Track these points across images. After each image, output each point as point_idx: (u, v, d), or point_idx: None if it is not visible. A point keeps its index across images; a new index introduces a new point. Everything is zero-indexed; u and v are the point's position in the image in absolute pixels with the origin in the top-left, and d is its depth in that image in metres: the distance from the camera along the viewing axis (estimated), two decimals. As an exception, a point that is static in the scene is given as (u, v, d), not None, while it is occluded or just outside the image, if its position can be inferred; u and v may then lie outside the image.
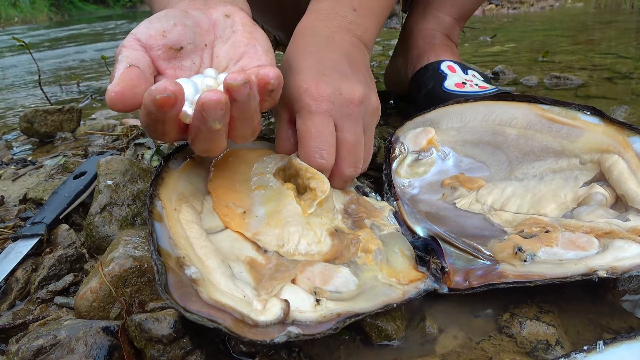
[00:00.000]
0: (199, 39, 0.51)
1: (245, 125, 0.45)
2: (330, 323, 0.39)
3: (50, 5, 13.91)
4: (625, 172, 0.50)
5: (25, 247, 0.59)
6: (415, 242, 0.53)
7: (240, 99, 0.41)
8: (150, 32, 0.48)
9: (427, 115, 0.69)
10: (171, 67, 0.49)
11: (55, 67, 2.74)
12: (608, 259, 0.43)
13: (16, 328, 0.48)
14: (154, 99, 0.38)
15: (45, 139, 1.17)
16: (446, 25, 0.94)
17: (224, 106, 0.40)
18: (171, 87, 0.38)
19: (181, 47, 0.49)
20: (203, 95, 0.39)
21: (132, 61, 0.44)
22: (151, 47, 0.48)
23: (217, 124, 0.41)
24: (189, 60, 0.50)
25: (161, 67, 0.49)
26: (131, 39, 0.47)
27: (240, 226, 0.49)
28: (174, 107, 0.40)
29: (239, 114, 0.43)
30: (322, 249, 0.48)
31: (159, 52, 0.48)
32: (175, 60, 0.49)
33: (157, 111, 0.40)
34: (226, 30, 0.53)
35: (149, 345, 0.38)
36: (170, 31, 0.49)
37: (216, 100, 0.39)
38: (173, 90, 0.38)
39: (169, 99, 0.39)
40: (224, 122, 0.42)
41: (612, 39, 1.95)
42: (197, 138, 0.44)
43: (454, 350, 0.41)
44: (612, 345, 0.36)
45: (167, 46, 0.48)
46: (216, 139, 0.44)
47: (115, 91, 0.41)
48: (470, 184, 0.62)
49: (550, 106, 0.59)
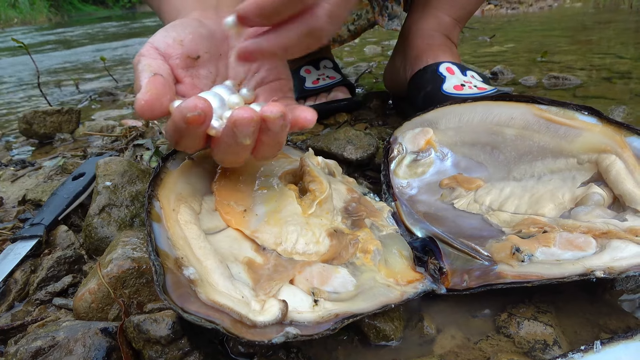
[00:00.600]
0: (214, 49, 0.52)
1: (272, 148, 0.46)
2: (328, 323, 0.39)
3: (49, 6, 13.91)
4: (622, 172, 0.51)
5: (24, 248, 0.59)
6: (414, 243, 0.53)
7: (274, 129, 0.42)
8: (168, 41, 0.48)
9: (426, 116, 0.69)
10: (189, 75, 0.50)
11: (54, 68, 2.74)
12: (605, 259, 0.43)
13: (15, 329, 0.48)
14: (184, 116, 0.39)
15: (44, 140, 1.17)
16: (446, 25, 0.94)
17: (256, 124, 0.41)
18: (201, 104, 0.39)
19: (198, 55, 0.50)
20: (235, 112, 0.40)
21: (154, 70, 0.45)
22: (170, 55, 0.48)
23: (247, 140, 0.42)
24: (205, 69, 0.51)
25: (180, 75, 0.49)
26: (149, 47, 0.47)
27: (239, 224, 0.49)
28: (203, 124, 0.40)
29: (269, 140, 0.44)
30: (320, 249, 0.48)
31: (177, 60, 0.48)
32: (192, 69, 0.50)
33: (187, 128, 0.40)
34: (239, 40, 0.52)
35: (147, 346, 0.39)
36: (187, 40, 0.49)
37: (249, 118, 0.40)
38: (203, 108, 0.39)
39: (199, 117, 0.39)
40: (253, 138, 0.43)
41: (611, 39, 1.95)
42: (223, 151, 0.45)
43: (452, 351, 0.41)
44: (610, 345, 0.36)
45: (185, 55, 0.49)
46: (242, 152, 0.45)
47: (145, 100, 0.41)
48: (468, 184, 0.62)
49: (549, 106, 0.59)
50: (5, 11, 11.63)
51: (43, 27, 9.02)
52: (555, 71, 1.33)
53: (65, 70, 2.63)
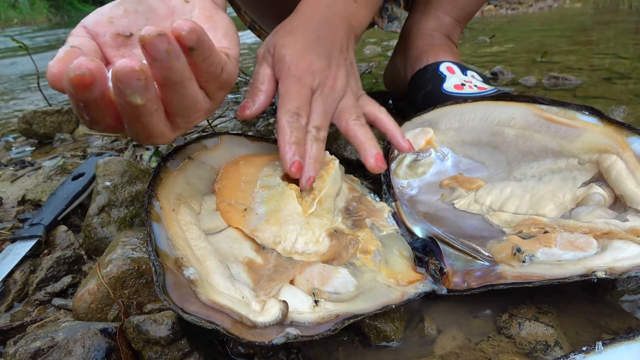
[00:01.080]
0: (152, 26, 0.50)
1: (177, 95, 0.39)
2: (328, 324, 0.39)
3: (49, 7, 13.91)
4: (623, 173, 0.50)
5: (24, 248, 0.59)
6: (414, 243, 0.53)
7: (159, 56, 0.35)
8: (97, 19, 0.47)
9: (426, 116, 0.69)
10: (119, 55, 0.47)
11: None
12: (607, 260, 0.43)
13: (14, 330, 0.48)
14: (69, 77, 0.34)
15: (44, 140, 1.17)
16: (446, 25, 0.94)
17: (141, 75, 0.34)
18: (88, 64, 0.34)
19: (130, 33, 0.48)
20: (117, 63, 0.34)
21: (75, 45, 0.42)
22: (97, 34, 0.46)
23: (138, 98, 0.35)
24: (139, 47, 0.49)
25: (109, 54, 0.47)
26: (79, 27, 0.46)
27: (239, 222, 0.49)
28: (92, 87, 0.34)
29: (162, 78, 0.37)
30: (319, 249, 0.48)
31: (106, 38, 0.46)
32: (124, 48, 0.47)
33: (75, 92, 0.35)
34: (184, 17, 0.51)
35: (147, 347, 0.38)
36: (119, 18, 0.47)
37: (130, 67, 0.34)
38: (90, 68, 0.33)
39: (84, 77, 0.34)
40: (147, 96, 0.36)
41: (611, 39, 1.95)
42: (125, 118, 0.38)
43: (452, 351, 0.41)
44: (611, 346, 0.35)
45: (115, 33, 0.47)
46: (145, 118, 0.38)
47: (55, 68, 0.39)
48: (469, 184, 0.62)
49: (549, 106, 0.59)
50: (5, 11, 11.63)
51: (42, 27, 9.02)
52: (555, 71, 1.33)
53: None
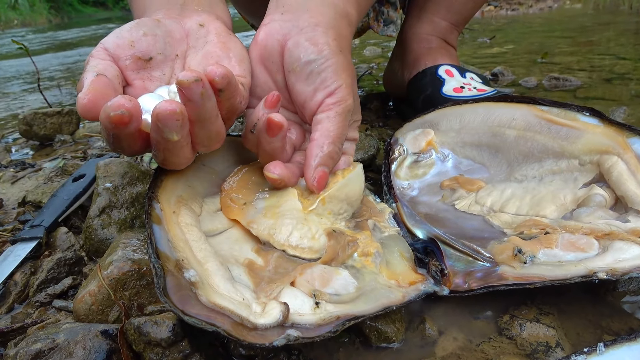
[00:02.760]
0: (169, 49, 0.51)
1: (205, 129, 0.43)
2: (329, 326, 0.39)
3: (49, 8, 13.92)
4: (624, 174, 0.50)
5: (24, 250, 0.59)
6: (415, 244, 0.53)
7: (194, 98, 0.39)
8: (119, 42, 0.48)
9: (427, 117, 0.69)
10: (139, 77, 0.49)
11: (55, 69, 2.74)
12: (608, 261, 0.43)
13: (14, 332, 0.48)
14: (108, 116, 0.37)
15: (44, 142, 1.17)
16: (442, 29, 0.94)
17: (180, 116, 0.38)
18: (126, 104, 0.37)
19: (150, 57, 0.49)
20: (158, 105, 0.38)
21: (99, 70, 0.44)
22: (119, 57, 0.47)
23: (175, 135, 0.39)
24: (159, 70, 0.50)
25: (130, 77, 0.48)
26: (99, 48, 0.47)
27: (237, 214, 0.50)
28: (129, 125, 0.38)
29: (195, 116, 0.41)
30: (313, 245, 0.48)
31: (127, 62, 0.48)
32: (144, 71, 0.49)
33: (113, 128, 0.38)
34: (199, 40, 0.52)
35: (147, 348, 0.38)
36: (139, 41, 0.48)
37: (171, 110, 0.38)
38: (128, 108, 0.37)
39: (123, 117, 0.37)
40: (182, 133, 0.40)
41: (611, 40, 1.95)
42: (158, 149, 0.43)
43: (454, 353, 0.41)
44: (613, 347, 0.35)
45: (136, 56, 0.48)
46: (176, 150, 0.42)
47: (87, 99, 0.40)
48: (469, 185, 0.62)
49: (550, 107, 0.59)
50: (5, 13, 11.64)
51: (42, 28, 9.03)
52: (556, 72, 1.33)
53: (66, 71, 2.63)
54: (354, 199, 0.55)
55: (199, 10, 0.54)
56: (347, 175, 0.54)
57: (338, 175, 0.54)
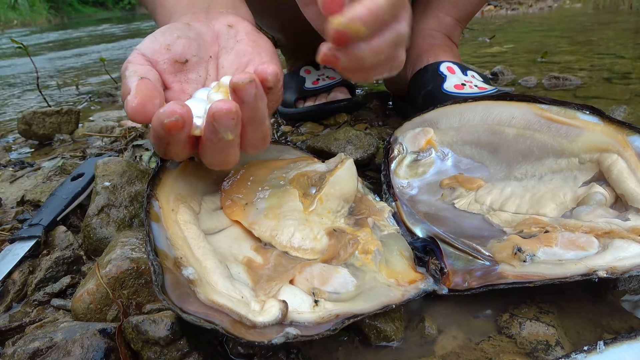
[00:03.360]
0: (203, 51, 0.51)
1: (256, 130, 0.44)
2: (328, 324, 0.38)
3: (49, 8, 13.92)
4: (624, 172, 0.50)
5: (23, 249, 0.59)
6: (415, 243, 0.53)
7: (248, 99, 0.40)
8: (155, 47, 0.48)
9: (426, 116, 0.69)
10: (177, 80, 0.49)
11: (54, 69, 2.74)
12: (608, 259, 0.43)
13: (12, 330, 0.47)
14: (162, 122, 0.38)
15: (43, 141, 1.17)
16: (446, 25, 0.94)
17: (235, 115, 0.39)
18: (179, 110, 0.38)
19: (186, 60, 0.49)
20: (213, 105, 0.39)
21: (142, 74, 0.44)
22: (157, 61, 0.48)
23: (229, 134, 0.40)
24: (194, 72, 0.50)
25: (168, 81, 0.48)
26: (136, 54, 0.47)
27: (239, 215, 0.50)
28: (182, 130, 0.39)
29: (248, 117, 0.42)
30: (316, 246, 0.48)
31: (165, 66, 0.48)
32: (181, 74, 0.49)
33: (166, 134, 0.39)
34: (230, 41, 0.53)
35: (146, 347, 0.38)
36: (174, 44, 0.49)
37: (227, 109, 0.39)
38: (181, 114, 0.38)
39: (178, 123, 0.38)
40: (235, 132, 0.41)
41: (611, 39, 1.95)
42: (209, 150, 0.43)
43: (453, 351, 0.41)
44: (613, 346, 0.35)
45: (173, 60, 0.48)
46: (228, 150, 0.43)
47: (136, 102, 0.41)
48: (469, 184, 0.61)
49: (549, 105, 0.59)
50: (5, 13, 11.65)
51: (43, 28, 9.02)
52: (556, 72, 1.33)
53: (65, 71, 2.63)
54: (350, 195, 0.55)
55: (224, 13, 0.55)
56: (335, 172, 0.54)
57: (327, 175, 0.54)
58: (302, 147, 0.68)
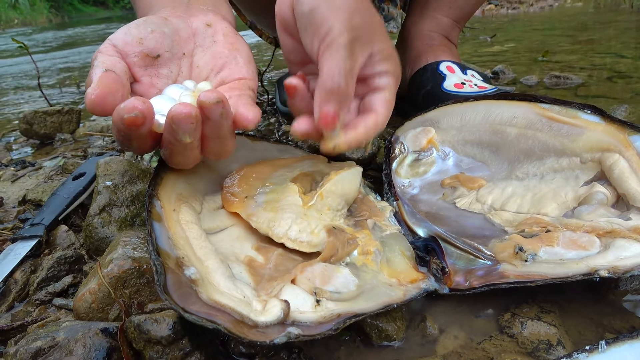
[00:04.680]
0: (177, 47, 0.51)
1: (218, 143, 0.44)
2: (330, 324, 0.38)
3: (49, 7, 13.93)
4: (626, 171, 0.50)
5: (24, 248, 0.59)
6: (416, 243, 0.53)
7: (213, 117, 0.40)
8: (127, 39, 0.47)
9: (427, 115, 0.69)
10: (147, 74, 0.49)
11: (55, 68, 2.74)
12: (609, 259, 0.43)
13: (14, 330, 0.47)
14: (122, 117, 0.38)
15: (44, 141, 1.17)
16: (444, 26, 0.94)
17: (194, 119, 0.39)
18: (140, 106, 0.38)
19: (158, 54, 0.49)
20: (173, 108, 0.39)
21: (108, 66, 0.44)
22: (127, 53, 0.47)
23: (187, 138, 0.40)
24: (166, 68, 0.50)
25: (137, 74, 0.48)
26: (107, 44, 0.47)
27: (238, 207, 0.50)
28: (142, 126, 0.39)
29: (211, 132, 0.42)
30: (312, 240, 0.48)
31: (135, 59, 0.48)
32: (152, 68, 0.49)
33: (126, 129, 0.39)
34: (207, 40, 0.52)
35: (148, 346, 0.38)
36: (147, 38, 0.48)
37: (186, 113, 0.39)
38: (142, 110, 0.38)
39: (137, 119, 0.38)
40: (195, 136, 0.41)
41: (612, 38, 1.95)
42: (168, 150, 0.43)
43: (454, 351, 0.41)
44: (614, 345, 0.35)
45: (144, 53, 0.48)
46: (187, 152, 0.43)
47: (96, 94, 0.40)
48: (470, 183, 0.61)
49: (551, 105, 0.59)
50: (5, 12, 11.65)
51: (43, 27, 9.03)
52: (557, 71, 1.33)
53: (66, 70, 2.63)
54: (350, 196, 0.55)
55: (204, 10, 0.54)
56: (340, 172, 0.54)
57: (331, 174, 0.54)
58: (303, 147, 0.68)
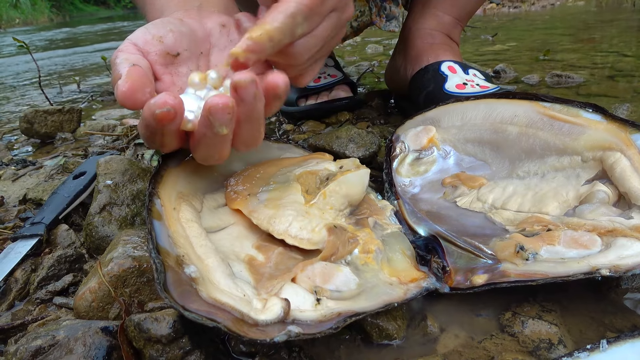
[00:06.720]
0: (194, 47, 0.51)
1: (251, 129, 0.44)
2: (330, 322, 0.38)
3: (51, 7, 13.94)
4: (627, 170, 0.50)
5: (25, 247, 0.59)
6: (417, 241, 0.52)
7: (247, 98, 0.40)
8: (147, 38, 0.48)
9: (428, 114, 0.69)
10: (168, 72, 0.49)
11: (56, 67, 2.75)
12: (611, 258, 0.43)
13: (15, 328, 0.47)
14: (153, 113, 0.38)
15: (45, 140, 1.17)
16: (446, 24, 0.94)
17: (231, 110, 0.39)
18: (171, 101, 0.38)
19: (178, 53, 0.49)
20: (210, 99, 0.39)
21: (133, 62, 0.44)
22: (148, 52, 0.47)
23: (224, 129, 0.40)
24: (185, 66, 0.50)
25: (158, 72, 0.48)
26: (128, 43, 0.47)
27: (240, 204, 0.50)
28: (173, 121, 0.40)
29: (245, 116, 0.42)
30: (313, 237, 0.48)
31: (156, 57, 0.48)
32: (172, 66, 0.49)
33: (157, 125, 0.39)
34: (222, 39, 0.53)
35: (148, 345, 0.38)
36: (166, 37, 0.49)
37: (224, 104, 0.39)
38: (173, 105, 0.38)
39: (169, 114, 0.38)
40: (230, 127, 0.41)
41: (614, 37, 1.94)
42: (201, 145, 0.43)
43: (455, 350, 0.41)
44: (616, 344, 0.35)
45: (164, 51, 0.48)
46: (221, 145, 0.43)
47: (127, 87, 0.41)
48: (471, 182, 0.61)
49: (552, 104, 0.59)
50: (7, 11, 11.66)
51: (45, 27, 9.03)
52: (558, 69, 1.32)
53: (67, 69, 2.63)
54: (354, 199, 0.55)
55: (216, 12, 0.55)
56: (346, 174, 0.54)
57: (338, 174, 0.54)
58: (304, 146, 0.68)
